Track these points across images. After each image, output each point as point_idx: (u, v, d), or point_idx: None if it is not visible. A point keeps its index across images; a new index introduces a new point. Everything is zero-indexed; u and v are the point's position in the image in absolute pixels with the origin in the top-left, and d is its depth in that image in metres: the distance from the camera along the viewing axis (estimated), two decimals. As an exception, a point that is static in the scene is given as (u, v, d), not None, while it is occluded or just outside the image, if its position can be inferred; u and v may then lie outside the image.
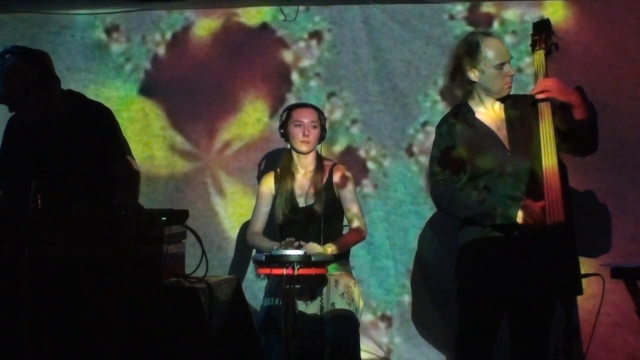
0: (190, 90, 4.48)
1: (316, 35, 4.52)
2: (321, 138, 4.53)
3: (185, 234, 3.42)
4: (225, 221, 5.17)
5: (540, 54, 3.74)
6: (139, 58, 4.63)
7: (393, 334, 5.05)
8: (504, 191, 3.74)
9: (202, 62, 4.28)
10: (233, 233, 5.15)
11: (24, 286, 3.02)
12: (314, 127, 4.48)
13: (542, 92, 3.66)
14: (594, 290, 4.23)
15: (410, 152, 5.01)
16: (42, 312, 3.06)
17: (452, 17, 5.02)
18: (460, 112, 3.89)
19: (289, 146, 4.54)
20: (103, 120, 3.90)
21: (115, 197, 3.50)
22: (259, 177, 4.84)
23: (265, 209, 4.60)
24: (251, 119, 4.57)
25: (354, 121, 4.82)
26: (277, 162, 4.68)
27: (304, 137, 4.45)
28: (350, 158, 4.84)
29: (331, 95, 4.74)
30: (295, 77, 4.61)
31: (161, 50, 4.59)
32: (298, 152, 4.51)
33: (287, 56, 4.55)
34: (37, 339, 3.05)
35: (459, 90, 3.90)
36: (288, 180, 4.52)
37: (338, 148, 4.76)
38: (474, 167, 3.81)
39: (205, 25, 4.43)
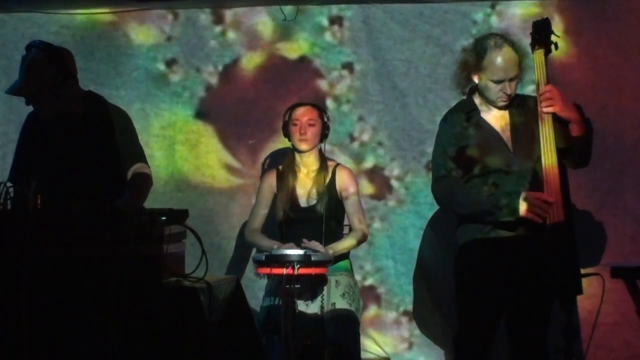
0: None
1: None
2: (323, 136, 4.53)
3: (185, 233, 3.41)
4: (225, 221, 5.17)
5: (539, 54, 3.74)
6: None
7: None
8: (507, 191, 3.75)
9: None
10: (233, 233, 5.15)
11: (24, 286, 3.02)
12: (312, 125, 4.48)
13: (548, 104, 3.66)
14: (594, 290, 4.23)
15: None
16: (42, 312, 3.06)
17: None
18: (466, 109, 3.89)
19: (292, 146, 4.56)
20: (121, 125, 3.93)
21: (120, 199, 3.52)
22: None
23: (265, 206, 4.60)
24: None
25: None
26: (280, 161, 4.70)
27: (300, 135, 4.47)
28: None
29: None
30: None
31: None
32: (297, 150, 4.52)
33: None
34: (37, 339, 3.05)
35: (465, 86, 3.90)
36: (290, 178, 4.52)
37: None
38: (476, 167, 3.81)
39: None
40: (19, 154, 4.00)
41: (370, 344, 5.03)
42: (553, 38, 3.76)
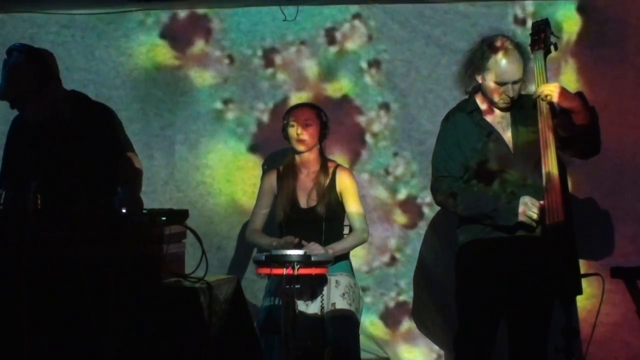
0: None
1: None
2: (322, 136, 4.53)
3: (185, 234, 3.42)
4: (225, 221, 5.17)
5: (539, 54, 3.74)
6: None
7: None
8: (505, 192, 3.75)
9: None
10: (233, 233, 5.15)
11: (24, 286, 3.02)
12: (308, 125, 4.48)
13: (544, 97, 3.66)
14: (594, 290, 4.24)
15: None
16: (42, 312, 3.06)
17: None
18: (467, 109, 3.89)
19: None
20: (106, 120, 3.92)
21: (117, 195, 3.51)
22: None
23: (265, 206, 4.60)
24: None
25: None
26: (281, 161, 4.71)
27: (297, 136, 4.47)
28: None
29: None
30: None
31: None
32: (296, 152, 4.53)
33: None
34: (37, 339, 3.05)
35: (468, 85, 3.90)
36: (290, 178, 4.52)
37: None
38: (476, 167, 3.81)
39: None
40: (6, 158, 3.98)
41: (370, 344, 5.03)
42: (552, 39, 3.76)
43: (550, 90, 3.65)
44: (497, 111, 3.87)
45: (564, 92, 3.66)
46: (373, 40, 5.10)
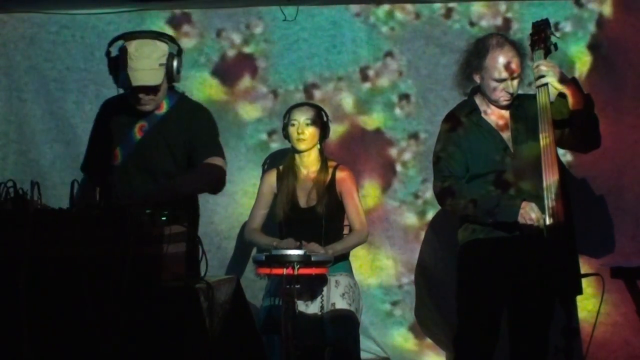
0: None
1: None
2: (322, 136, 4.54)
3: (185, 233, 3.41)
4: (225, 221, 5.17)
5: (539, 54, 3.75)
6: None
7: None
8: (505, 192, 3.75)
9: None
10: (233, 233, 5.16)
11: (24, 286, 3.02)
12: (309, 124, 4.49)
13: (540, 76, 3.67)
14: (594, 290, 4.24)
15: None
16: (42, 312, 3.06)
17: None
18: (466, 110, 3.89)
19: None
20: (203, 120, 3.93)
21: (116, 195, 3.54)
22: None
23: (265, 206, 4.61)
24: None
25: None
26: (280, 161, 4.71)
27: (298, 135, 4.48)
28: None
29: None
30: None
31: None
32: (296, 151, 4.53)
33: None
34: (37, 339, 3.05)
35: (467, 86, 3.91)
36: (290, 178, 4.53)
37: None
38: (476, 167, 3.82)
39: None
40: (94, 144, 4.00)
41: (370, 344, 5.03)
42: (552, 39, 3.76)
43: (546, 71, 3.66)
44: (497, 111, 3.87)
45: (558, 73, 3.69)
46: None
